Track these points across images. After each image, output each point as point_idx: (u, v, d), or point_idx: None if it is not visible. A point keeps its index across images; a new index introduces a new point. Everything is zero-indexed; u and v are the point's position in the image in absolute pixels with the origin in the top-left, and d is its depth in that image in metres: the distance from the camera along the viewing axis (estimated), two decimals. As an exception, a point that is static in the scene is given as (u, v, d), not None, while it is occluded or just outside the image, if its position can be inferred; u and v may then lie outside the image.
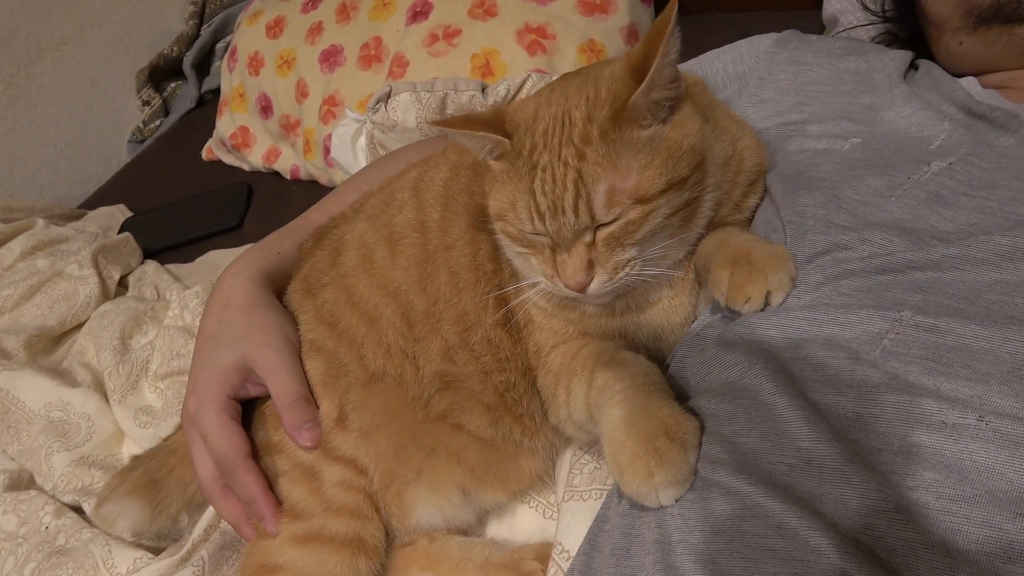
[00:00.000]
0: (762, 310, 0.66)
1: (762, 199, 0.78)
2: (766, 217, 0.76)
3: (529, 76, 1.20)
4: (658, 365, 0.70)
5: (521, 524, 0.85)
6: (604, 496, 0.74)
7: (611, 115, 0.62)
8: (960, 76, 0.88)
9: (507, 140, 0.65)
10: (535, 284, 0.70)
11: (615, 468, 0.60)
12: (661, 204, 0.62)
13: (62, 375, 1.20)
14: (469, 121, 0.67)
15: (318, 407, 0.82)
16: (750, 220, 0.78)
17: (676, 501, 0.57)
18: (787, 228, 0.71)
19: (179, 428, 0.99)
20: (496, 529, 0.85)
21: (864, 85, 0.88)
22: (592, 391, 0.67)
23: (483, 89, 1.20)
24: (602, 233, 0.63)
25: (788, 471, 0.52)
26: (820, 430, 0.52)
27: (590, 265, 0.64)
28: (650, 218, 0.62)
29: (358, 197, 0.98)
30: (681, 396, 0.65)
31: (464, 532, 0.85)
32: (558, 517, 0.76)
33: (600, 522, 0.67)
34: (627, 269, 0.64)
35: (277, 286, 0.93)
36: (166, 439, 1.00)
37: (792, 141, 0.83)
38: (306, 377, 0.83)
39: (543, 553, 0.77)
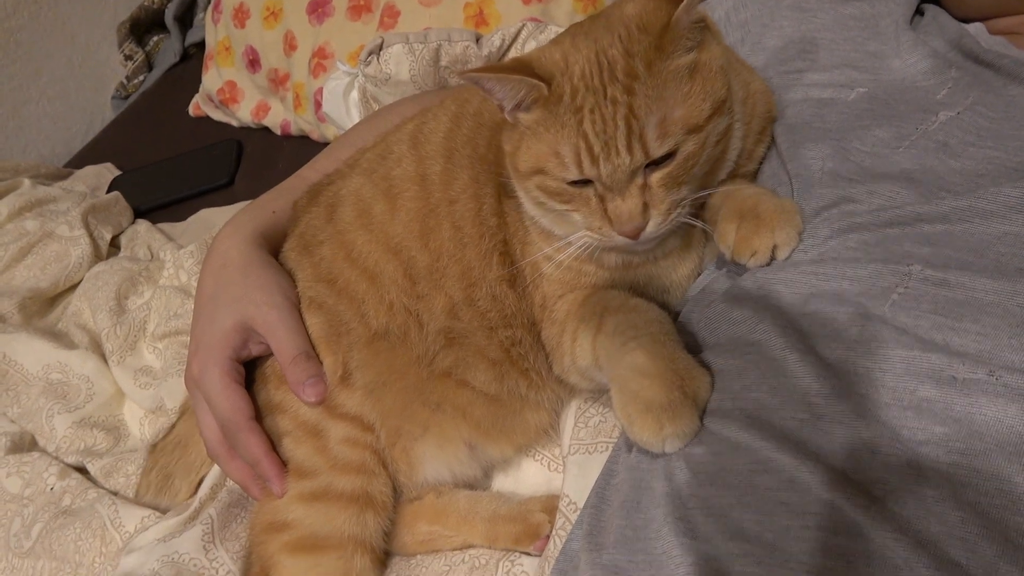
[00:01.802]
0: (768, 264, 0.66)
1: (769, 149, 0.77)
2: (772, 170, 0.75)
3: (524, 25, 1.17)
4: (664, 319, 0.70)
5: (527, 477, 0.85)
6: (610, 449, 0.74)
7: (655, 43, 0.61)
8: (967, 22, 0.86)
9: (545, 85, 0.63)
10: (568, 242, 0.69)
11: (624, 416, 0.61)
12: (711, 131, 0.62)
13: (59, 337, 1.19)
14: (502, 68, 0.65)
15: (320, 363, 0.81)
16: (756, 174, 0.77)
17: (679, 450, 0.58)
18: (794, 181, 0.70)
19: (182, 415, 1.00)
20: (502, 482, 0.86)
21: (869, 32, 0.86)
22: (600, 336, 0.67)
23: (477, 40, 1.17)
24: (658, 173, 0.62)
25: (799, 426, 0.52)
26: (830, 386, 0.52)
27: (645, 208, 0.63)
28: (705, 147, 0.62)
29: (352, 153, 0.97)
30: (689, 352, 0.66)
31: (471, 486, 0.85)
32: (564, 470, 0.77)
33: (607, 475, 0.68)
34: (679, 210, 0.64)
35: (272, 245, 0.92)
36: (172, 427, 1.02)
37: (796, 90, 0.81)
38: (307, 334, 0.83)
39: (550, 505, 0.78)
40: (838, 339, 0.55)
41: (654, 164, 0.63)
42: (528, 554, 0.77)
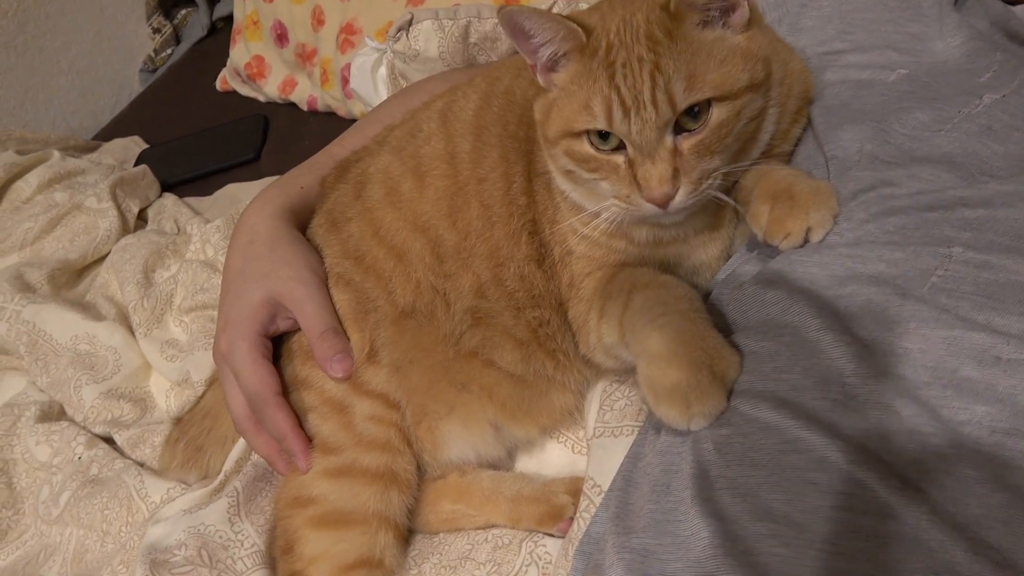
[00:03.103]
0: (801, 247, 0.65)
1: (804, 130, 0.75)
2: (807, 152, 0.73)
3: (556, 2, 1.15)
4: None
5: (550, 459, 0.85)
6: (636, 432, 0.74)
7: (663, 10, 0.62)
8: (1013, 4, 0.84)
9: (583, 33, 0.64)
10: (597, 215, 0.69)
11: (650, 393, 0.60)
12: (746, 103, 0.63)
13: (87, 309, 1.20)
14: (543, 12, 0.65)
15: (348, 339, 0.81)
16: (790, 155, 0.75)
17: (704, 428, 0.58)
18: (830, 163, 0.69)
19: (211, 386, 1.01)
20: (526, 463, 0.86)
21: (911, 12, 0.84)
22: (628, 312, 0.66)
23: (507, 16, 1.16)
24: (690, 140, 0.62)
25: (831, 407, 0.52)
26: (867, 366, 0.51)
27: (675, 175, 0.62)
28: (740, 117, 0.63)
29: (381, 130, 0.96)
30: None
31: (494, 467, 0.85)
32: (588, 453, 0.76)
33: (634, 459, 0.68)
34: (710, 180, 0.64)
35: (300, 221, 0.92)
36: (199, 399, 1.02)
37: (834, 71, 0.79)
38: (335, 310, 0.83)
39: (574, 487, 0.78)
40: (875, 320, 0.54)
41: (686, 132, 0.62)
42: (551, 535, 0.77)
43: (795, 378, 0.55)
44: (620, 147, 0.65)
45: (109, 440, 1.06)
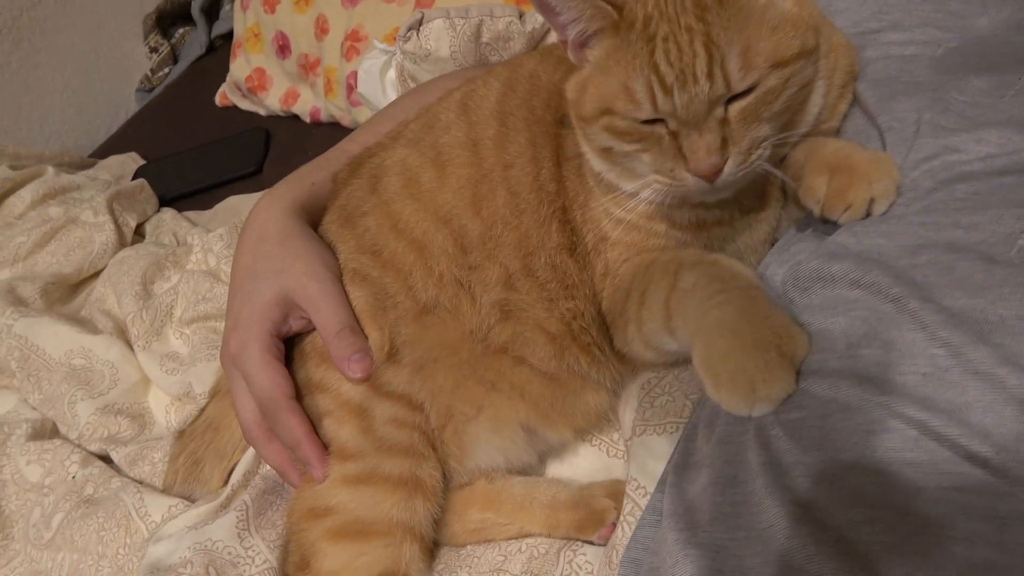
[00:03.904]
0: (863, 219, 0.60)
1: (851, 106, 0.71)
2: (857, 127, 0.69)
3: None
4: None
5: (583, 463, 0.80)
6: (680, 429, 0.68)
7: None
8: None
9: (615, 10, 0.59)
10: (635, 195, 0.65)
11: (710, 377, 0.56)
12: (797, 71, 0.59)
13: (82, 323, 1.14)
14: None
15: (366, 337, 0.76)
16: (838, 132, 0.71)
17: (767, 413, 0.53)
18: (886, 134, 0.65)
19: (214, 397, 0.95)
20: (558, 469, 0.81)
21: (949, -10, 0.81)
22: (676, 292, 0.61)
23: (520, 15, 1.13)
24: (737, 106, 0.58)
25: (923, 381, 0.47)
26: (961, 333, 0.46)
27: (724, 145, 0.58)
28: (789, 85, 0.58)
29: (394, 126, 0.92)
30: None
31: (524, 473, 0.80)
32: (629, 453, 0.71)
33: (685, 454, 0.62)
34: (760, 151, 0.60)
35: (311, 218, 0.87)
36: (202, 411, 0.96)
37: (875, 48, 0.76)
38: (351, 307, 0.78)
39: (614, 490, 0.72)
40: (960, 287, 0.49)
41: (732, 98, 0.59)
42: (591, 543, 0.71)
43: (876, 352, 0.50)
44: (663, 119, 0.60)
45: (106, 458, 0.99)
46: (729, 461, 0.55)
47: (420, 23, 1.12)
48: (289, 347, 0.81)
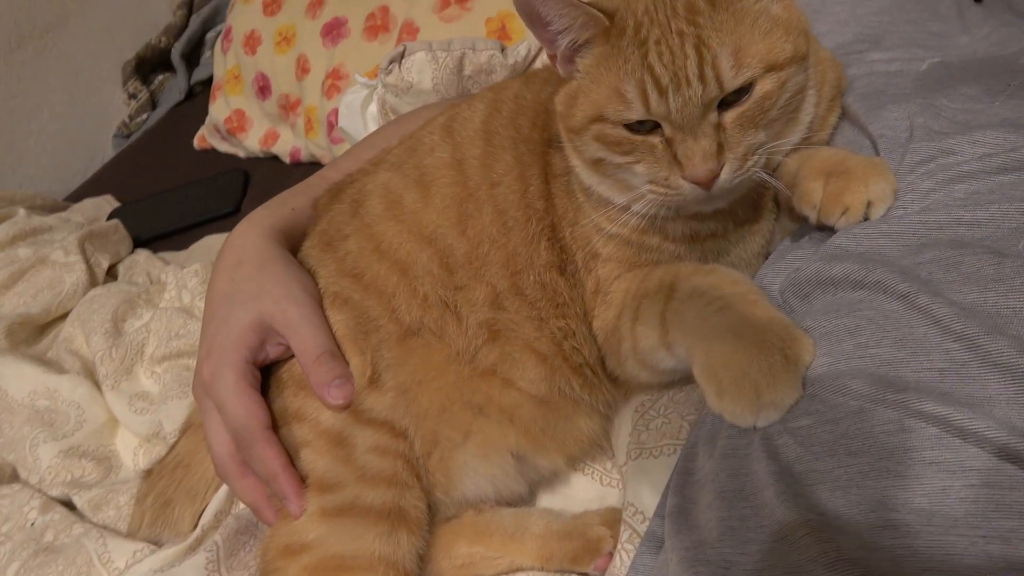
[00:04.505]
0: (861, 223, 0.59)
1: (840, 119, 0.71)
2: (847, 138, 0.69)
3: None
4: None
5: (576, 493, 0.76)
6: (677, 451, 0.65)
7: None
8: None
9: (606, 17, 0.58)
10: (626, 209, 0.63)
11: (711, 385, 0.53)
12: (791, 75, 0.58)
13: (48, 363, 1.09)
14: None
15: (347, 363, 0.73)
16: (828, 143, 0.70)
17: (773, 423, 0.50)
18: (878, 142, 0.64)
19: (184, 434, 0.90)
20: (550, 500, 0.77)
21: (929, 13, 0.82)
22: (673, 303, 0.59)
23: (502, 49, 1.13)
24: (733, 112, 0.57)
25: (940, 377, 0.44)
26: (976, 325, 0.44)
27: (720, 150, 0.57)
28: (784, 89, 0.58)
29: (376, 153, 0.90)
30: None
31: (513, 506, 0.75)
32: (625, 478, 0.67)
33: (684, 474, 0.59)
34: (755, 157, 0.59)
35: (291, 244, 0.85)
36: (172, 447, 0.91)
37: (859, 66, 0.76)
38: (332, 331, 0.74)
39: (610, 518, 0.68)
40: (969, 282, 0.47)
41: (727, 104, 0.58)
42: (587, 575, 0.67)
43: (886, 351, 0.47)
44: (656, 127, 0.59)
45: (68, 504, 0.94)
46: (734, 475, 0.51)
47: (402, 56, 1.12)
48: (265, 377, 0.77)
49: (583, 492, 0.75)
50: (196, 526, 0.83)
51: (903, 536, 0.39)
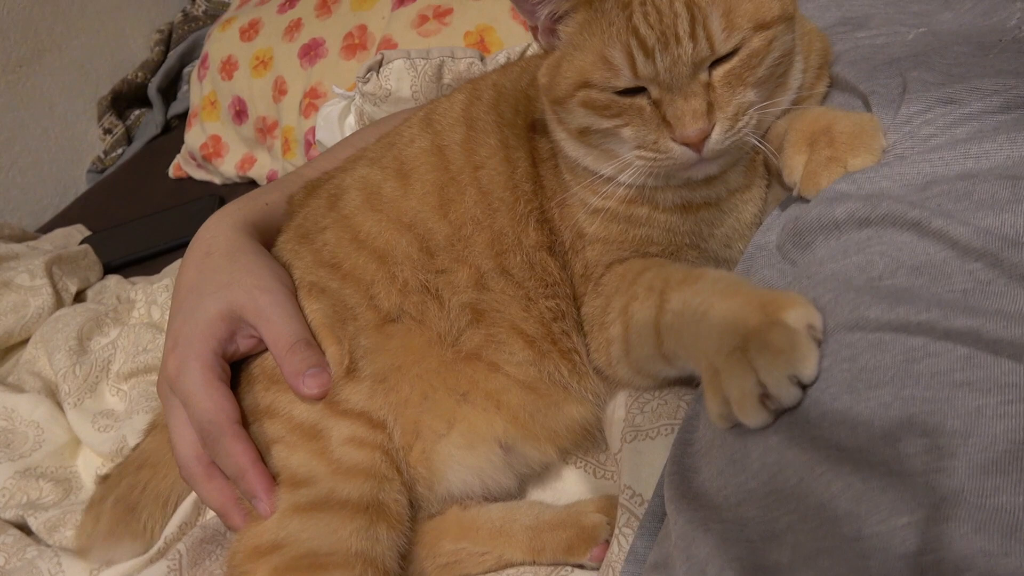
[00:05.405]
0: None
1: (829, 89, 0.69)
2: (839, 101, 0.67)
3: (530, 45, 1.12)
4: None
5: (568, 487, 0.71)
6: (674, 431, 0.61)
7: None
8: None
9: None
10: (613, 179, 0.61)
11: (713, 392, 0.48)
12: (779, 33, 0.57)
13: (7, 385, 1.03)
14: None
15: (323, 352, 0.68)
16: (817, 111, 0.69)
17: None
18: (870, 98, 0.61)
19: (149, 433, 0.84)
20: (540, 496, 0.72)
21: (907, -7, 0.81)
22: (666, 315, 0.55)
23: (482, 58, 1.12)
24: (721, 69, 0.56)
25: (965, 296, 0.41)
26: (997, 241, 0.41)
27: (710, 109, 0.55)
28: (772, 48, 0.57)
29: (354, 152, 0.88)
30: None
31: (501, 501, 0.70)
32: (620, 461, 0.63)
33: (683, 445, 0.55)
34: (746, 118, 0.57)
35: (264, 239, 0.81)
36: (134, 448, 0.85)
37: (845, 42, 0.75)
38: (306, 321, 0.70)
39: (606, 505, 0.64)
40: (983, 207, 0.44)
41: (715, 63, 0.56)
42: (582, 567, 0.62)
43: (902, 280, 0.44)
44: (643, 90, 0.57)
45: (23, 527, 0.87)
46: (741, 435, 0.47)
47: (380, 64, 1.10)
48: (234, 374, 0.73)
49: (575, 486, 0.70)
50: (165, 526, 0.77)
51: (938, 457, 0.35)
